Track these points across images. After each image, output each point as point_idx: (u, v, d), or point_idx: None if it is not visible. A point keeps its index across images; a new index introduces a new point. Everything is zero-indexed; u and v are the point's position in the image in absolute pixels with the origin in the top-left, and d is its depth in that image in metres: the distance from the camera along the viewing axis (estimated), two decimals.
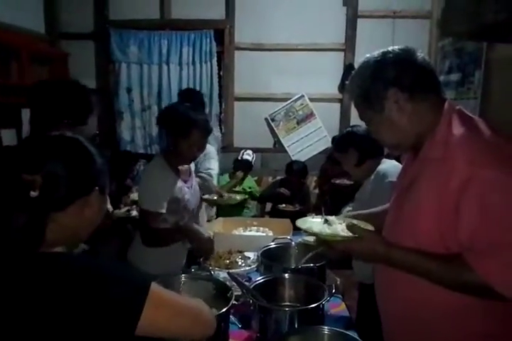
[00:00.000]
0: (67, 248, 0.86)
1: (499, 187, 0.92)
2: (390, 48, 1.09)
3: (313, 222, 1.23)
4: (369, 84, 1.08)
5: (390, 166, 1.86)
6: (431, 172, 1.01)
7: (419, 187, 1.04)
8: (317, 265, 1.64)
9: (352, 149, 1.91)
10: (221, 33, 3.98)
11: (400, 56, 1.07)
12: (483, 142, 0.99)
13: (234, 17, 3.96)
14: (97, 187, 0.85)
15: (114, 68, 4.01)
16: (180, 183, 1.86)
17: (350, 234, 1.08)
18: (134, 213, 2.38)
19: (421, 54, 1.08)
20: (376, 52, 1.10)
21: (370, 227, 1.17)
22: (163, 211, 1.76)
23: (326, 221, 1.21)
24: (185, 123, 1.72)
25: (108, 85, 4.07)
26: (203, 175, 2.59)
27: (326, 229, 1.16)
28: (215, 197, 2.52)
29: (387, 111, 1.07)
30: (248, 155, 3.54)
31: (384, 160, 1.92)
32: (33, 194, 0.75)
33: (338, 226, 1.17)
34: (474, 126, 1.03)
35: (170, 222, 1.81)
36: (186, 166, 1.95)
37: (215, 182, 2.69)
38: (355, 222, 1.18)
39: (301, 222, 1.25)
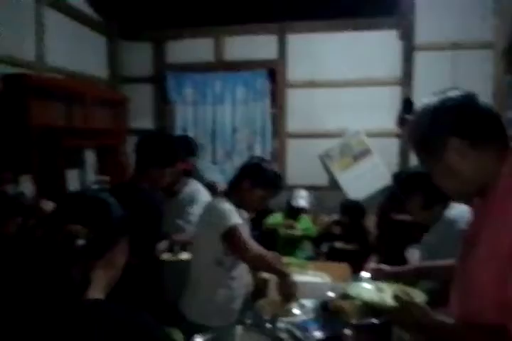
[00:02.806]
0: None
1: None
2: (451, 94, 1.04)
3: (364, 289, 1.34)
4: (428, 132, 1.04)
5: (459, 212, 1.72)
6: (492, 223, 0.97)
7: (481, 238, 1.00)
8: (381, 321, 1.48)
9: (418, 192, 1.78)
10: (274, 72, 4.05)
11: (460, 102, 1.02)
12: None
13: (286, 56, 4.03)
14: (123, 236, 0.99)
15: (170, 109, 4.19)
16: (241, 220, 1.84)
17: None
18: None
19: (484, 101, 1.03)
20: (436, 98, 1.05)
21: (420, 296, 1.22)
22: None
23: (378, 287, 1.32)
24: (272, 179, 1.86)
25: (164, 125, 4.23)
26: (178, 222, 2.41)
27: (375, 297, 1.24)
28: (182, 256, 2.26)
29: (447, 160, 1.03)
30: (303, 200, 3.44)
31: (453, 204, 1.77)
32: (80, 242, 0.88)
33: (388, 294, 1.24)
34: None
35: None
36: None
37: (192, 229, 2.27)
38: (409, 290, 1.26)
39: (351, 288, 1.37)
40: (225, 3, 3.79)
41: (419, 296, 1.24)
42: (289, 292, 1.72)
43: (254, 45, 4.03)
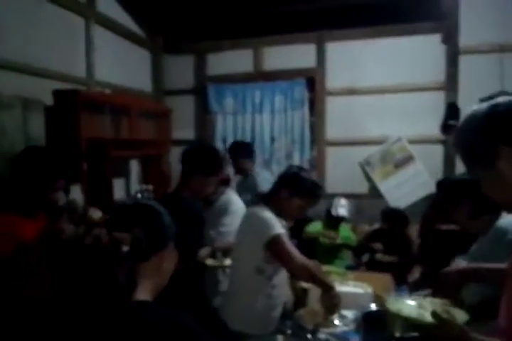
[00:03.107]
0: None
1: None
2: (501, 99, 0.99)
3: (404, 304, 1.34)
4: (477, 140, 0.99)
5: (511, 220, 1.62)
6: None
7: None
8: (423, 335, 1.41)
9: (464, 202, 1.71)
10: (312, 80, 4.05)
11: (510, 108, 0.96)
12: None
13: (325, 64, 4.02)
14: (170, 242, 1.06)
15: (211, 119, 4.29)
16: (284, 230, 1.84)
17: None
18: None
19: None
20: (484, 104, 1.00)
21: (461, 315, 1.22)
22: None
23: (420, 303, 1.32)
24: (310, 188, 1.84)
25: (205, 135, 4.33)
26: (211, 232, 2.43)
27: (413, 312, 1.25)
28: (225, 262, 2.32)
29: (498, 170, 0.97)
30: (343, 209, 3.38)
31: (504, 214, 1.68)
32: (125, 248, 0.97)
33: (428, 311, 1.22)
34: None
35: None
36: None
37: (230, 239, 2.29)
38: (450, 309, 1.26)
39: (392, 303, 1.36)
40: (263, 14, 3.86)
41: (460, 315, 1.23)
42: (332, 304, 1.70)
43: (293, 55, 4.05)
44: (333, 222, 3.41)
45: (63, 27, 3.08)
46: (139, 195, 3.53)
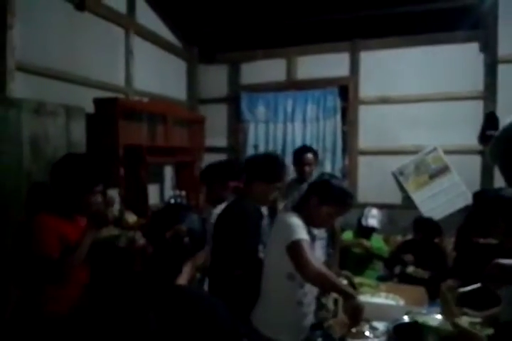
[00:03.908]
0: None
1: None
2: None
3: (431, 318, 1.48)
4: None
5: None
6: None
7: None
8: None
9: (500, 219, 1.65)
10: (345, 89, 4.03)
11: None
12: None
13: (359, 72, 4.01)
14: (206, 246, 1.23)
15: (243, 127, 4.34)
16: (308, 237, 1.81)
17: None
18: None
19: None
20: None
21: (487, 329, 1.28)
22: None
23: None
24: (340, 196, 1.82)
25: (237, 143, 4.38)
26: None
27: (435, 323, 1.41)
28: None
29: None
30: (374, 219, 3.32)
31: None
32: (186, 240, 1.13)
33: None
34: None
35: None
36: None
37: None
38: (479, 327, 1.36)
39: (419, 316, 1.55)
40: (296, 24, 3.89)
41: (485, 329, 1.30)
42: (354, 314, 1.62)
43: (326, 64, 4.05)
44: (363, 232, 3.35)
45: (104, 37, 3.22)
46: (173, 201, 3.60)
